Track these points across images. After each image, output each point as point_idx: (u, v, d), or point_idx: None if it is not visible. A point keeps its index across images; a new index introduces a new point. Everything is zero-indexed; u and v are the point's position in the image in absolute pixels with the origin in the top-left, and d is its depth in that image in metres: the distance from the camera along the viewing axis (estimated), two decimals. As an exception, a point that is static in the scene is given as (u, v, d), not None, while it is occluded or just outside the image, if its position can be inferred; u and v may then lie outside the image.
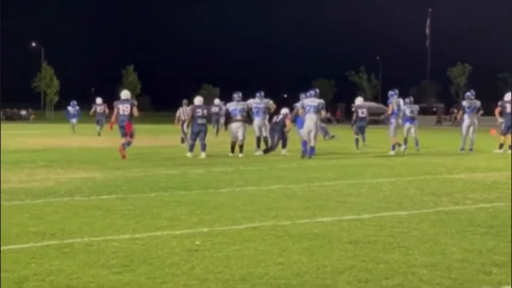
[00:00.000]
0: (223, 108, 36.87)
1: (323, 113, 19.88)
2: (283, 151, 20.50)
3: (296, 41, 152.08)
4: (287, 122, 20.85)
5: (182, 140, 26.05)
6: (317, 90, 20.38)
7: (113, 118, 19.18)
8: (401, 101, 21.72)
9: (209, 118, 20.59)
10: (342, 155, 20.53)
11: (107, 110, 35.81)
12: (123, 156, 18.06)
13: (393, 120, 21.22)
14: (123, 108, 18.71)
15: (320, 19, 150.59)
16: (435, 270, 5.89)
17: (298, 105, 20.88)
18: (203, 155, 19.05)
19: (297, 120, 21.07)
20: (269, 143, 21.12)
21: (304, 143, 19.34)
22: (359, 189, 11.62)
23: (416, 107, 23.55)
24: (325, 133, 28.27)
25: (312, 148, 19.32)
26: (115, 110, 18.99)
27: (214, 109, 32.53)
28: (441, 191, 11.40)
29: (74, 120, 38.88)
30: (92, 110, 36.79)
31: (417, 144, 22.52)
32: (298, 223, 8.13)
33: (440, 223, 8.23)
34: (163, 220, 8.30)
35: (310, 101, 19.54)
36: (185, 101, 26.81)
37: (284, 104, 23.56)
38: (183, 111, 26.03)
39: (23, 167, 15.67)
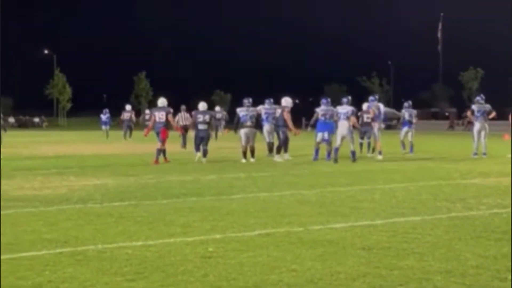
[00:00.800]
0: (223, 114, 39.55)
1: (353, 119, 20.23)
2: (286, 156, 20.51)
3: (308, 46, 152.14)
4: (286, 115, 20.76)
5: (184, 145, 27.15)
6: (349, 98, 20.88)
7: (150, 125, 20.17)
8: (381, 105, 22.48)
9: (211, 124, 20.82)
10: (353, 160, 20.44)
11: (134, 117, 38.86)
12: (156, 162, 19.07)
13: (375, 124, 21.74)
14: (159, 116, 19.62)
15: (332, 24, 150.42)
16: (450, 277, 5.85)
17: (318, 110, 20.91)
18: (203, 160, 19.49)
19: (317, 124, 21.06)
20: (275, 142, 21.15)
21: (336, 148, 19.88)
22: (372, 194, 11.58)
23: (414, 112, 24.48)
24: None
25: (353, 153, 19.97)
26: (152, 117, 19.94)
27: (217, 116, 33.76)
28: (454, 196, 11.35)
29: (106, 127, 41.65)
30: (121, 116, 39.25)
31: (412, 148, 23.51)
32: (311, 229, 8.11)
33: (454, 228, 8.18)
34: (176, 227, 8.29)
35: (341, 109, 20.09)
36: (183, 106, 28.12)
37: (297, 109, 23.60)
38: (182, 117, 27.16)
39: (37, 174, 15.73)
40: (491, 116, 22.28)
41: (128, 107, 39.63)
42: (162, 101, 20.17)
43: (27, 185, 13.32)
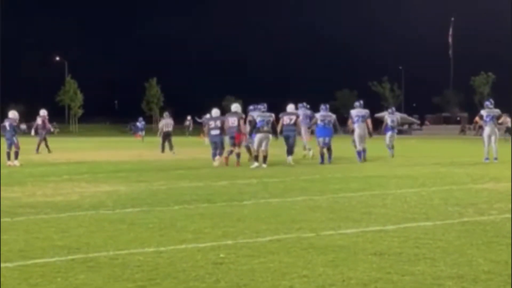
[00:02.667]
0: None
1: (369, 121, 21.48)
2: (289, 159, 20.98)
3: (318, 51, 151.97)
4: (299, 122, 21.49)
5: (162, 150, 28.87)
6: (361, 102, 22.00)
7: (206, 131, 21.11)
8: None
9: (224, 129, 21.07)
10: (364, 165, 20.43)
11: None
12: (226, 162, 20.39)
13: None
14: (232, 121, 20.58)
15: (342, 29, 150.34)
16: (462, 282, 5.83)
17: (317, 115, 21.54)
18: (216, 162, 20.21)
19: (317, 129, 21.51)
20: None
21: (359, 152, 21.32)
22: (384, 200, 11.56)
23: (397, 117, 26.02)
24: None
25: (364, 150, 21.40)
26: (226, 122, 20.73)
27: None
28: (466, 201, 11.31)
29: (142, 133, 50.10)
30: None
31: (392, 151, 24.69)
32: (323, 235, 8.10)
33: (466, 234, 8.16)
34: (187, 233, 8.30)
35: (357, 112, 20.90)
36: (166, 113, 29.49)
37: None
38: (165, 124, 28.31)
39: (48, 181, 15.79)
40: (500, 120, 22.21)
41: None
42: (235, 106, 21.19)
43: (39, 191, 13.36)
